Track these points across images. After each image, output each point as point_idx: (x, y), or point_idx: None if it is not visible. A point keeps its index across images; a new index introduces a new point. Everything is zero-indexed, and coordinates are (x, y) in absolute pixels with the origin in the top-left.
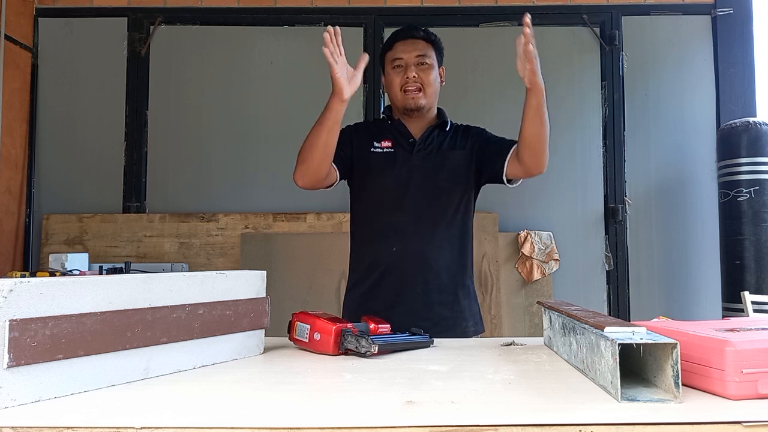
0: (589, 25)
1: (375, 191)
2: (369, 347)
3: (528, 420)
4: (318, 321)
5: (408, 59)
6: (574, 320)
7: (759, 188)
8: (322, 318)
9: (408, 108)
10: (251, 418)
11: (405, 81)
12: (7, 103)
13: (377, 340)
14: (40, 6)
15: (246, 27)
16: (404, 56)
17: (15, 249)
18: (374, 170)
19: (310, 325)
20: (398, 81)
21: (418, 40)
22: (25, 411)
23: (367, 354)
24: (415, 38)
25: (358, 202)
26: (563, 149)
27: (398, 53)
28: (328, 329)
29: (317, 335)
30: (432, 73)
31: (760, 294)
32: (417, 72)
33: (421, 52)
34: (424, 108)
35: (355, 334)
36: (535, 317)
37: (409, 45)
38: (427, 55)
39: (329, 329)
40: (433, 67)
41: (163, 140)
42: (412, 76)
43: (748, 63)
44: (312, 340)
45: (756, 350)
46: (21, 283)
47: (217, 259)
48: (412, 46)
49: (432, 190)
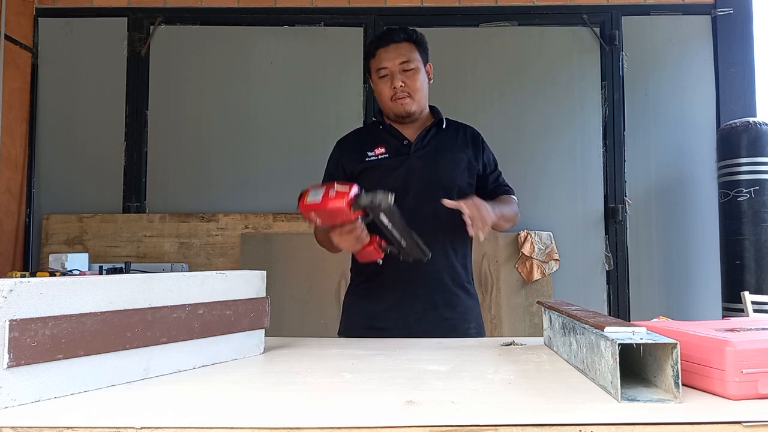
0: (589, 25)
1: None
2: (386, 197)
3: (528, 420)
4: (336, 182)
5: (392, 67)
6: (574, 320)
7: (759, 188)
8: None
9: (398, 115)
10: (251, 418)
11: (393, 91)
12: (7, 103)
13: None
14: (40, 6)
15: (246, 27)
16: (388, 65)
17: (15, 249)
18: (372, 178)
19: (326, 187)
20: (387, 91)
21: (399, 43)
22: (25, 411)
23: (381, 206)
24: (395, 42)
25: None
26: (563, 149)
27: (382, 62)
28: (346, 185)
29: (332, 191)
30: (419, 77)
31: (760, 294)
32: (403, 79)
33: (405, 57)
34: (415, 113)
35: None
36: (535, 317)
37: (391, 51)
38: (411, 59)
39: (348, 184)
40: (419, 70)
41: (163, 140)
42: (399, 85)
43: (748, 63)
44: (326, 198)
45: (756, 350)
46: (21, 283)
47: (217, 259)
48: (395, 52)
49: (433, 189)
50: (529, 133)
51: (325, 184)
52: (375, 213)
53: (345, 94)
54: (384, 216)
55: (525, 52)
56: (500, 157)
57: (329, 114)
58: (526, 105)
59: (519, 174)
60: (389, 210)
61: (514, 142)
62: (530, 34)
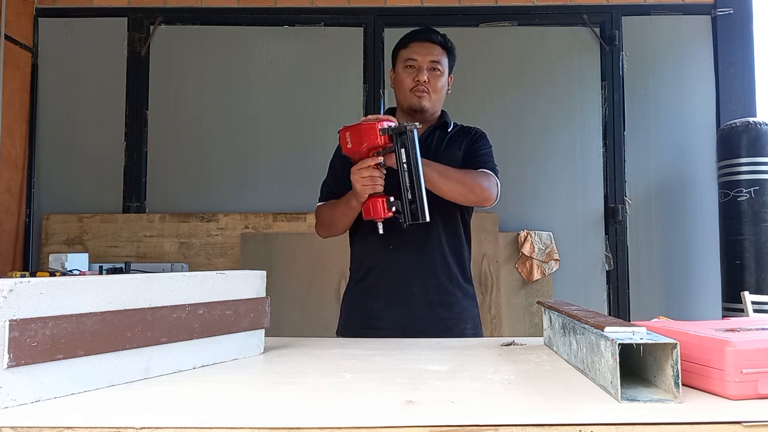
0: (589, 25)
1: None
2: (413, 125)
3: (528, 420)
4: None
5: (422, 62)
6: (574, 320)
7: (759, 188)
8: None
9: (413, 107)
10: (251, 418)
11: (415, 83)
12: (7, 103)
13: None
14: (40, 6)
15: (246, 27)
16: (419, 58)
17: (15, 249)
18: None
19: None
20: (409, 82)
21: (434, 44)
22: (25, 411)
23: (407, 132)
24: (432, 42)
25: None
26: (563, 149)
27: (413, 53)
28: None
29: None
30: (442, 79)
31: (760, 294)
32: (429, 77)
33: (436, 57)
34: (427, 111)
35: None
36: (535, 317)
37: (425, 47)
38: (441, 61)
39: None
40: (444, 74)
41: (163, 140)
42: (424, 80)
43: (748, 63)
44: (361, 122)
45: (756, 350)
46: (21, 283)
47: (217, 259)
48: (428, 49)
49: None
50: (529, 133)
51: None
52: (401, 141)
53: (345, 94)
54: (404, 150)
55: (525, 52)
56: (500, 157)
57: (329, 114)
58: (526, 105)
59: (519, 174)
60: (412, 140)
61: (514, 142)
62: (530, 34)
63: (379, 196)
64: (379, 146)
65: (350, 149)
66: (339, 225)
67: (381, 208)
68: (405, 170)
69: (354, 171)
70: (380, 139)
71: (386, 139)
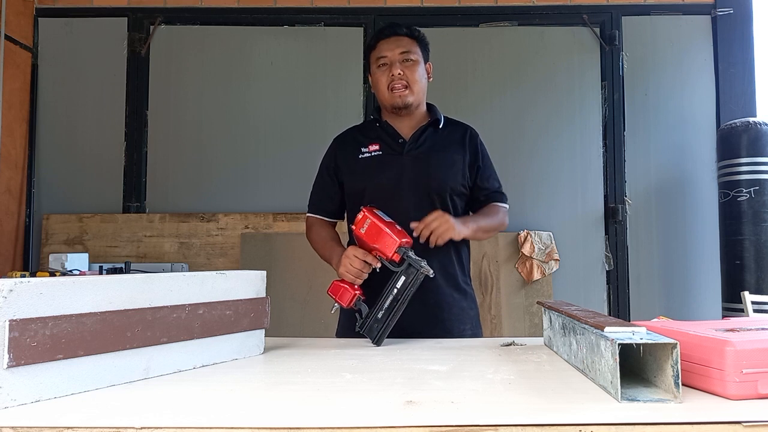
0: (589, 25)
1: (367, 194)
2: (428, 270)
3: (528, 420)
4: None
5: (392, 57)
6: (574, 320)
7: (759, 188)
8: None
9: (396, 106)
10: (251, 418)
11: (391, 79)
12: (7, 103)
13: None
14: (40, 6)
15: (246, 27)
16: (388, 54)
17: (15, 249)
18: (364, 175)
19: (394, 222)
20: (384, 80)
21: (401, 37)
22: (25, 411)
23: (420, 270)
24: (398, 35)
25: (352, 205)
26: (563, 149)
27: (382, 51)
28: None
29: (399, 227)
30: (418, 69)
31: (760, 294)
32: (402, 69)
33: (405, 48)
34: (412, 105)
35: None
36: (535, 317)
37: (392, 42)
38: (412, 51)
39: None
40: (419, 63)
41: (163, 140)
42: (398, 73)
43: (748, 63)
44: (392, 225)
45: (756, 350)
46: (21, 283)
47: (217, 259)
48: (396, 43)
49: (424, 189)
50: (529, 133)
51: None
52: (407, 272)
53: (345, 94)
54: (404, 279)
55: (525, 52)
56: (500, 157)
57: (329, 114)
58: (526, 105)
59: (519, 174)
60: (416, 280)
61: (514, 142)
62: (530, 34)
63: (354, 287)
64: (386, 257)
65: (361, 235)
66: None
67: (347, 299)
68: (392, 295)
69: (349, 254)
70: (393, 255)
71: (398, 257)
